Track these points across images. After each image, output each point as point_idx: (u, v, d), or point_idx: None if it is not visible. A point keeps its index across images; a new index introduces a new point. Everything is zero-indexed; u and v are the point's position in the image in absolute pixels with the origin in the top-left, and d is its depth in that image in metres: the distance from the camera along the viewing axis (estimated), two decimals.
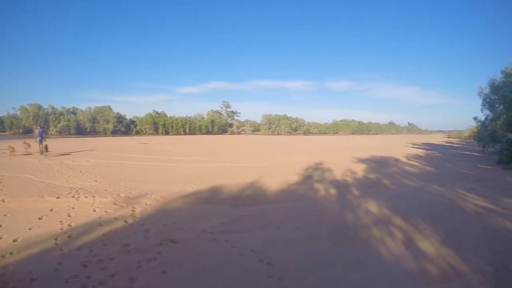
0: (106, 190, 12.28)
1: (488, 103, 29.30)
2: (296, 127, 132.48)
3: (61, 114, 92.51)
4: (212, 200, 11.37)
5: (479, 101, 30.49)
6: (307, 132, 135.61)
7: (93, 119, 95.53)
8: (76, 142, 46.49)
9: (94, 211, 9.49)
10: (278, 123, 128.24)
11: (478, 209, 10.93)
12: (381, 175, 18.29)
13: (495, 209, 10.92)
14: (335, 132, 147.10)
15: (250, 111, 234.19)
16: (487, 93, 29.35)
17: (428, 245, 7.54)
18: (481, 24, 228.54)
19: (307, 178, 16.37)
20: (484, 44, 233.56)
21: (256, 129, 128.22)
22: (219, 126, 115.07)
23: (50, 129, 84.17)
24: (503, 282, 5.80)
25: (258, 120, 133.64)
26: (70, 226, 8.07)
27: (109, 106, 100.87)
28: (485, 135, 31.88)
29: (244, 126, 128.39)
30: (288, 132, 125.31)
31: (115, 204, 10.37)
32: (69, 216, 8.89)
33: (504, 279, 5.89)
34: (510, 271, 6.24)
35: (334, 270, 6.13)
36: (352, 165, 22.46)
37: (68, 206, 9.86)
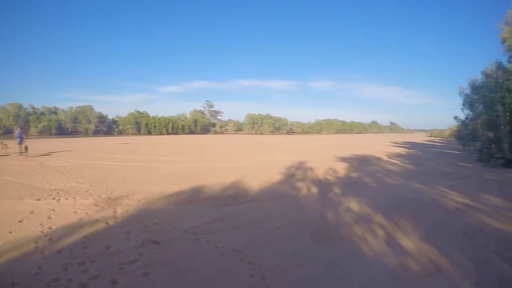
0: (87, 192, 12.18)
1: (469, 102, 29.83)
2: (279, 127, 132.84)
3: (42, 114, 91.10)
4: (194, 200, 11.36)
5: (459, 101, 31.03)
6: (290, 132, 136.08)
7: (75, 119, 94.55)
8: (57, 142, 45.99)
9: (75, 213, 9.39)
10: (261, 122, 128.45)
11: (458, 206, 11.13)
12: (363, 173, 18.50)
13: (475, 206, 11.13)
14: (318, 132, 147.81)
15: (233, 110, 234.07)
16: (468, 93, 29.87)
17: (409, 242, 7.64)
18: (462, 25, 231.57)
19: (289, 177, 16.48)
20: (465, 45, 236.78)
21: (239, 128, 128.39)
22: (202, 125, 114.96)
23: (31, 129, 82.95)
24: (484, 276, 5.91)
25: (241, 119, 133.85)
26: (51, 228, 7.98)
27: (91, 106, 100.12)
28: (465, 133, 32.59)
29: (227, 126, 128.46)
30: (271, 132, 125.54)
31: (96, 205, 10.29)
32: (50, 218, 8.79)
33: (485, 274, 6.00)
34: (491, 266, 6.36)
35: (316, 268, 6.17)
36: (334, 164, 22.68)
37: (49, 208, 9.74)
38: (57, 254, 6.39)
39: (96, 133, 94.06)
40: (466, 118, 31.46)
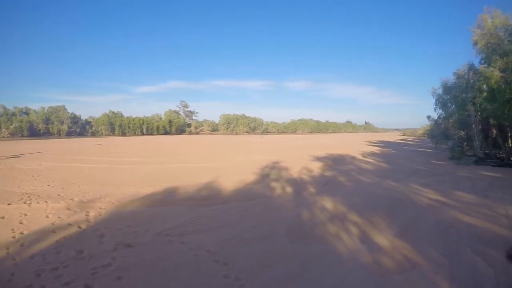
0: (59, 195, 12.01)
1: (441, 102, 30.72)
2: (254, 127, 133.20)
3: (14, 114, 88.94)
4: (168, 201, 11.33)
5: (432, 101, 31.86)
6: (266, 132, 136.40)
7: (47, 120, 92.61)
8: (29, 144, 45.23)
9: (47, 217, 9.26)
10: (236, 122, 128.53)
11: (431, 203, 11.40)
12: (337, 172, 18.73)
13: (448, 202, 11.41)
14: (293, 131, 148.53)
15: (208, 111, 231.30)
16: (440, 93, 30.72)
17: (383, 239, 7.78)
18: (436, 27, 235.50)
19: (264, 177, 16.58)
20: (438, 46, 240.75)
21: (214, 129, 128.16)
22: (177, 126, 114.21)
23: (2, 131, 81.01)
24: (457, 270, 6.06)
25: (217, 120, 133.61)
26: (23, 234, 7.85)
27: (64, 106, 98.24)
28: (438, 132, 33.84)
29: (202, 126, 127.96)
30: (246, 132, 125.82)
31: (68, 209, 10.16)
32: (21, 223, 8.64)
33: (458, 268, 6.16)
34: (463, 260, 6.53)
35: (291, 267, 6.24)
36: (309, 163, 22.90)
37: (20, 213, 9.57)
38: (29, 260, 6.30)
39: (69, 134, 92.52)
40: (439, 117, 32.61)
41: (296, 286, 5.54)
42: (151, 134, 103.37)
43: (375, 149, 39.35)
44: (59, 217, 9.22)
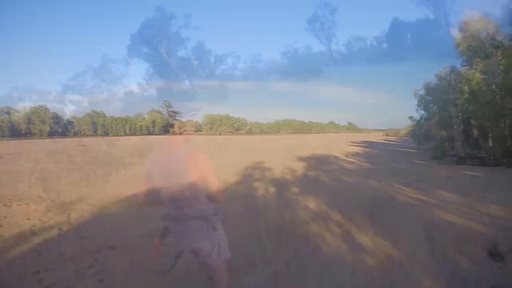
0: (40, 197, 11.84)
1: (423, 103, 31.29)
2: (238, 127, 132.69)
3: None
4: (151, 203, 11.20)
5: (414, 102, 32.34)
6: (249, 132, 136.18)
7: (29, 120, 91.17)
8: (10, 144, 44.51)
9: (28, 219, 9.10)
10: (220, 123, 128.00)
11: (414, 202, 11.52)
12: (320, 172, 18.85)
13: (430, 201, 11.50)
14: (277, 132, 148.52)
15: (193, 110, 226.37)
16: (422, 94, 31.26)
17: (366, 238, 7.77)
18: (419, 28, 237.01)
19: (247, 177, 16.63)
20: (421, 48, 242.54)
21: (198, 129, 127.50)
22: (160, 126, 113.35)
23: None
24: (440, 269, 6.10)
25: (200, 120, 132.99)
26: (2, 237, 7.72)
27: (45, 106, 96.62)
28: (420, 133, 34.31)
29: (186, 127, 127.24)
30: (230, 132, 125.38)
31: (49, 211, 10.01)
32: (1, 226, 8.50)
33: (441, 266, 6.18)
34: (447, 259, 6.54)
35: (274, 268, 6.23)
36: (292, 163, 22.95)
37: (0, 216, 9.44)
38: (9, 264, 6.22)
39: (51, 134, 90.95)
40: (421, 118, 33.14)
41: (279, 287, 5.57)
42: (134, 134, 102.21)
43: (358, 149, 39.74)
44: (40, 220, 9.09)
